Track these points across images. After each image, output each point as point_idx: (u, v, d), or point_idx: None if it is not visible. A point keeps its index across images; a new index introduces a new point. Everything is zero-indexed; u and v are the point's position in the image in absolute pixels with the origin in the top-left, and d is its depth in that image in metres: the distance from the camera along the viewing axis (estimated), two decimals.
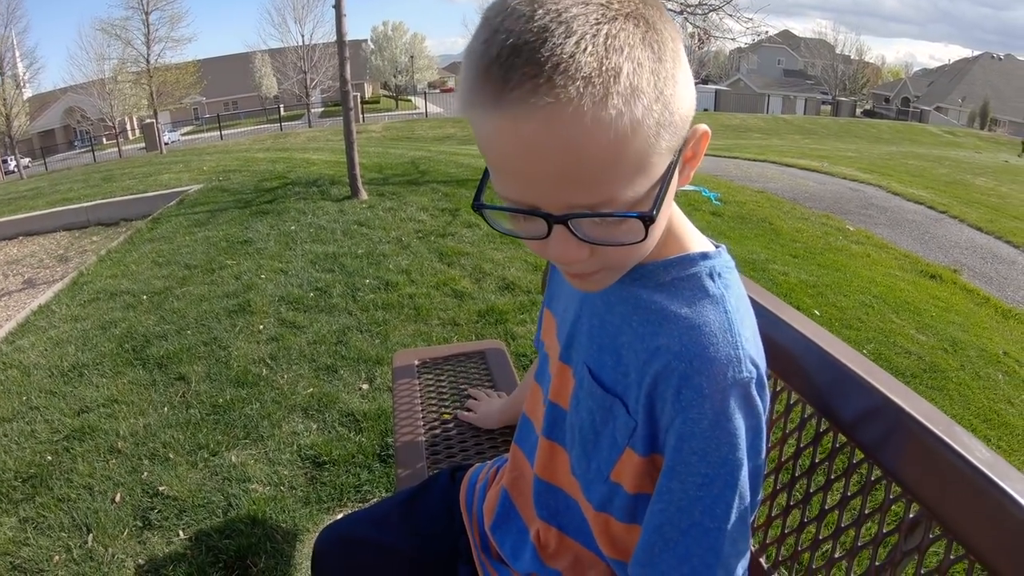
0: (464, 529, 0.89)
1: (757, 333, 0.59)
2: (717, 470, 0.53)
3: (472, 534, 0.88)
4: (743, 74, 50.62)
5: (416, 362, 1.56)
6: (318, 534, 0.95)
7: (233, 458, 2.04)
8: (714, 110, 40.00)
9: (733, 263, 0.62)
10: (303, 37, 34.65)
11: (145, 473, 1.98)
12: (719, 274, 0.59)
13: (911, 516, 0.67)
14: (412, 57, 47.91)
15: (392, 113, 36.78)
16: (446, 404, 1.39)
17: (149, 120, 22.97)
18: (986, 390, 2.73)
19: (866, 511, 0.76)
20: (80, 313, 3.38)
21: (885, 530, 0.72)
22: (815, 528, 0.83)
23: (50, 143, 34.42)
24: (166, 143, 22.46)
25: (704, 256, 0.60)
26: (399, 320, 3.02)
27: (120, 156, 21.04)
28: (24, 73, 26.05)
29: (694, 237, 0.62)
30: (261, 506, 1.81)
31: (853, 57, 52.62)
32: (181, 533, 1.74)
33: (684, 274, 0.59)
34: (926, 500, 0.64)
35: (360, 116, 26.01)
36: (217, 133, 28.39)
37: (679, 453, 0.54)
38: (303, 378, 2.52)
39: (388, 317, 3.04)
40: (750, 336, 0.57)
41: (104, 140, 29.74)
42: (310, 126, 28.15)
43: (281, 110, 34.59)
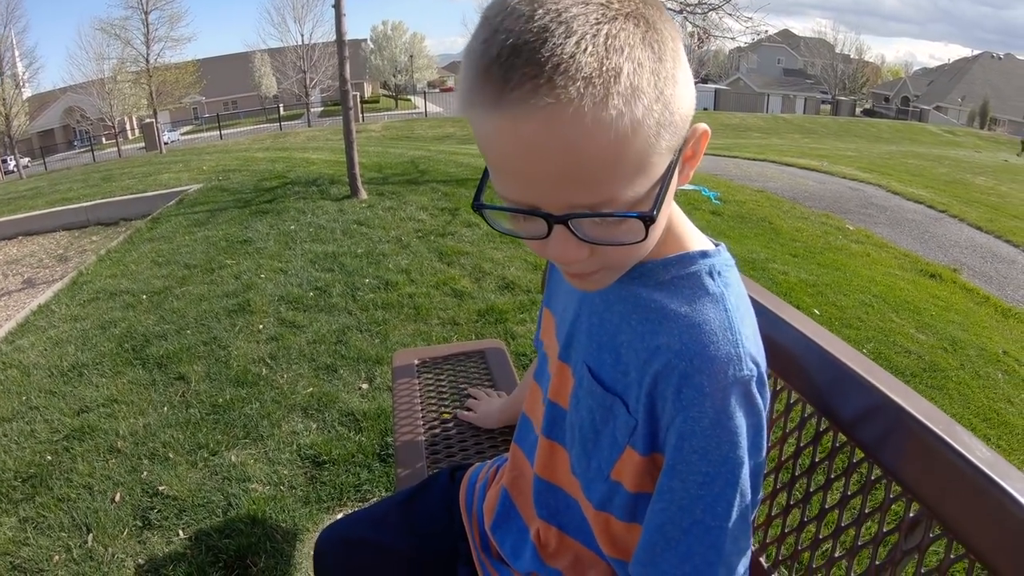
0: (464, 529, 0.89)
1: (757, 331, 0.59)
2: (718, 468, 0.53)
3: (472, 534, 0.88)
4: (743, 73, 50.64)
5: (416, 361, 1.56)
6: (319, 534, 0.95)
7: (233, 458, 2.04)
8: (714, 109, 40.01)
9: (733, 261, 0.62)
10: (302, 36, 34.66)
11: (145, 473, 1.98)
12: (719, 272, 0.59)
13: (911, 515, 0.67)
14: (411, 56, 47.88)
15: (392, 112, 36.74)
16: (446, 404, 1.39)
17: (148, 120, 22.92)
18: (986, 389, 2.73)
19: (866, 510, 0.76)
20: (80, 313, 3.38)
21: (885, 529, 0.72)
22: (815, 527, 0.83)
23: (49, 143, 34.42)
24: (165, 143, 22.41)
25: (704, 254, 0.60)
26: (399, 319, 3.02)
27: (119, 156, 21.01)
28: (23, 73, 26.04)
29: (693, 235, 0.62)
30: (261, 506, 1.81)
31: (853, 56, 52.67)
32: (181, 533, 1.74)
33: (684, 272, 0.59)
34: (926, 499, 0.64)
35: (360, 115, 25.97)
36: (217, 133, 28.32)
37: (680, 452, 0.54)
38: (303, 377, 2.52)
39: (388, 316, 3.04)
40: (750, 334, 0.57)
41: (103, 140, 29.71)
42: (309, 125, 28.12)
43: (280, 110, 34.54)
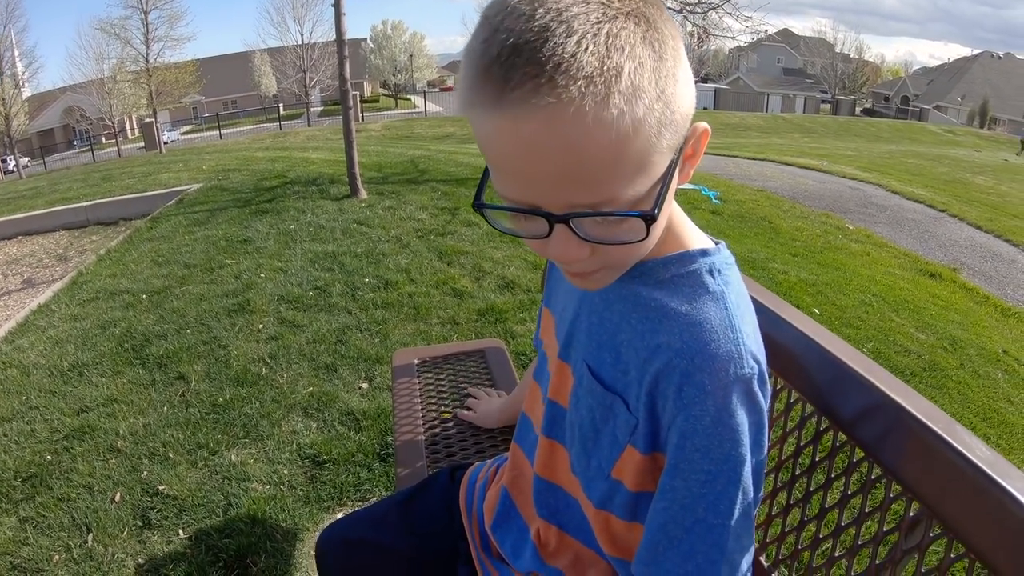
0: (464, 528, 0.89)
1: (757, 329, 0.59)
2: (720, 467, 0.53)
3: (472, 533, 0.88)
4: (742, 73, 50.66)
5: (416, 361, 1.56)
6: (319, 534, 0.95)
7: (233, 457, 2.04)
8: (713, 109, 40.03)
9: (733, 259, 0.62)
10: (302, 36, 34.66)
11: (145, 472, 1.98)
12: (719, 270, 0.59)
13: (911, 514, 0.67)
14: (411, 56, 47.85)
15: (391, 112, 36.70)
16: (446, 403, 1.39)
17: (148, 119, 22.92)
18: (986, 388, 2.73)
19: (866, 509, 0.76)
20: (79, 312, 3.37)
21: (885, 528, 0.72)
22: (815, 527, 0.83)
23: (49, 143, 34.39)
24: (165, 142, 22.40)
25: (703, 253, 0.60)
26: (399, 319, 3.01)
27: (119, 155, 20.99)
28: (23, 72, 26.03)
29: (693, 234, 0.62)
30: (261, 505, 1.81)
31: (853, 56, 52.67)
32: (181, 532, 1.74)
33: (684, 271, 0.59)
34: (926, 498, 0.64)
35: (359, 115, 25.93)
36: (216, 132, 28.28)
37: (682, 451, 0.54)
38: (303, 377, 2.52)
39: (388, 316, 3.04)
40: (751, 332, 0.57)
41: (103, 139, 29.66)
42: (309, 125, 28.10)
43: (280, 109, 34.51)
